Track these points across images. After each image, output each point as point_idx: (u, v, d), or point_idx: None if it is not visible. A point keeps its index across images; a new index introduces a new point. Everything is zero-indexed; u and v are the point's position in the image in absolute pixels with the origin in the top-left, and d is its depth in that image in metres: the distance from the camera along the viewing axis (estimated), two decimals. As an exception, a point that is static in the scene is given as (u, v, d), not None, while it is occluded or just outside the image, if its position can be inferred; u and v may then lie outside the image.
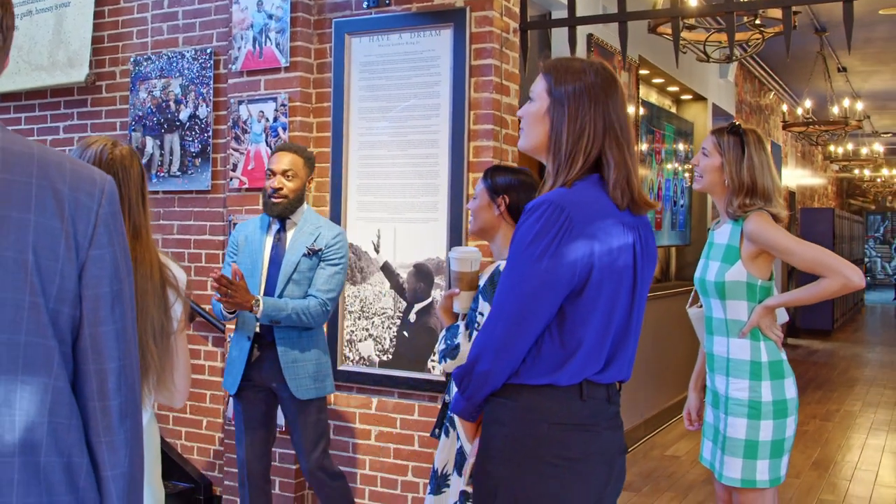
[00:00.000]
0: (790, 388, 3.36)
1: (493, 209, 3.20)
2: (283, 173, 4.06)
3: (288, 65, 4.92)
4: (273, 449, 4.39)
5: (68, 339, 1.55)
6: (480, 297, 3.02)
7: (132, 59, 5.60)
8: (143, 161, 5.24)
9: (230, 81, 5.14)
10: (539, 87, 2.34)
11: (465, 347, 2.99)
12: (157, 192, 5.53)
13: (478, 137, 4.58)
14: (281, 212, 4.07)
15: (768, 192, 3.39)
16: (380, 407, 4.80)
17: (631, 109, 7.39)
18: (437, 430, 3.35)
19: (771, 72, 12.33)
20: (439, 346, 3.12)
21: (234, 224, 4.86)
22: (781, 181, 13.69)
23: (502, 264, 3.04)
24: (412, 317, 4.70)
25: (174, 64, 5.43)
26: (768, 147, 3.50)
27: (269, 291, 4.05)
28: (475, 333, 3.03)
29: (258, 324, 4.05)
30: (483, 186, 3.25)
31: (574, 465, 2.20)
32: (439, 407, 3.74)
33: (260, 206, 4.93)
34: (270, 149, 4.94)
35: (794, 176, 15.34)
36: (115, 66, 5.75)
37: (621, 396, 2.39)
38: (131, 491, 1.62)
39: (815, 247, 3.30)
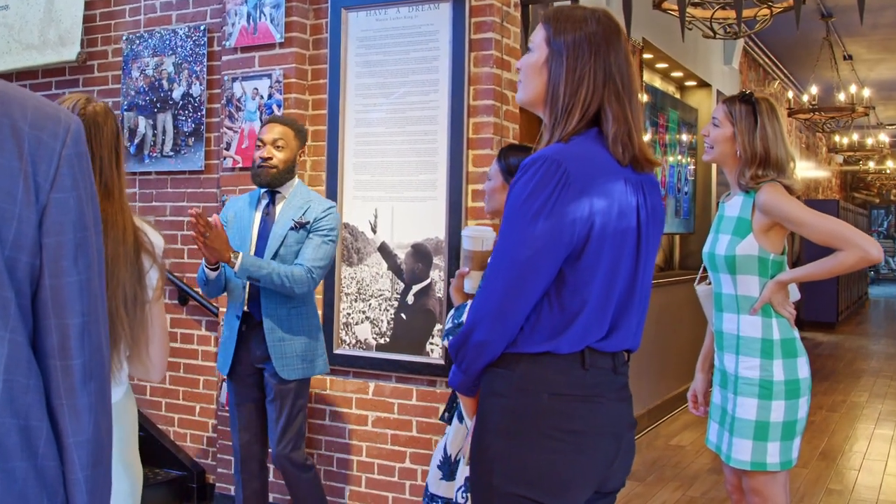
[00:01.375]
0: (803, 368, 3.23)
1: (507, 190, 3.07)
2: (273, 143, 3.97)
3: (283, 40, 4.79)
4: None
5: (27, 290, 1.41)
6: None
7: (124, 38, 5.47)
8: (136, 141, 5.13)
9: (224, 58, 5.01)
10: (538, 36, 2.21)
11: None
12: (149, 174, 5.40)
13: (478, 113, 4.44)
14: (269, 181, 3.97)
15: (782, 162, 3.25)
16: (377, 392, 4.67)
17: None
18: (446, 414, 3.22)
19: (776, 59, 12.18)
20: (447, 324, 3.01)
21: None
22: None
23: None
24: (410, 299, 4.56)
25: (167, 42, 5.30)
26: (782, 116, 3.36)
27: None
28: None
29: (245, 301, 3.93)
30: (497, 167, 3.13)
31: (577, 438, 2.06)
32: (450, 390, 3.62)
33: (255, 187, 4.81)
34: (265, 127, 4.81)
35: (798, 168, 15.16)
36: (107, 44, 5.62)
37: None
38: (97, 462, 1.46)
39: (830, 218, 3.16)
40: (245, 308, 3.96)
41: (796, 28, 4.30)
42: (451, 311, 3.01)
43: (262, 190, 4.04)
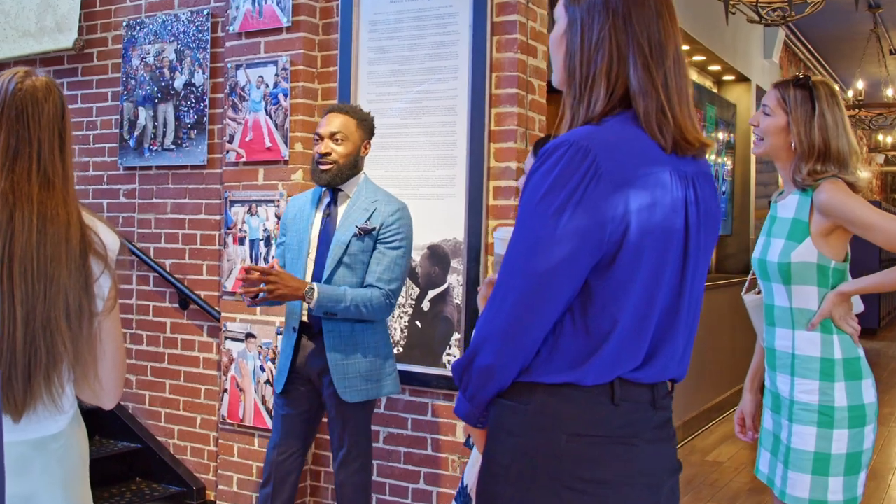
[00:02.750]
0: (869, 391, 2.81)
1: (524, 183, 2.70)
2: (332, 136, 3.52)
3: (290, 24, 4.42)
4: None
5: None
6: None
7: (124, 24, 5.13)
8: (135, 134, 4.80)
9: (227, 44, 4.65)
10: (559, 6, 1.83)
11: None
12: (149, 168, 5.06)
13: (500, 103, 4.05)
14: (330, 180, 3.53)
15: (843, 155, 2.83)
16: (389, 405, 4.29)
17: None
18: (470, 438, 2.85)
19: (818, 54, 11.69)
20: (474, 335, 2.64)
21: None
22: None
23: None
24: (426, 305, 4.18)
25: (169, 27, 4.95)
26: (842, 103, 2.94)
27: (316, 277, 3.52)
28: None
29: (304, 311, 3.53)
30: (532, 161, 2.75)
31: (602, 489, 1.67)
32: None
33: (261, 182, 4.46)
34: (270, 117, 4.45)
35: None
36: (106, 31, 5.28)
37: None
38: None
39: (903, 220, 2.73)
40: (304, 318, 3.56)
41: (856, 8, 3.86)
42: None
43: (324, 188, 3.63)
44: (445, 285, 4.14)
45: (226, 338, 4.59)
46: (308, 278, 3.52)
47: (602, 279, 1.65)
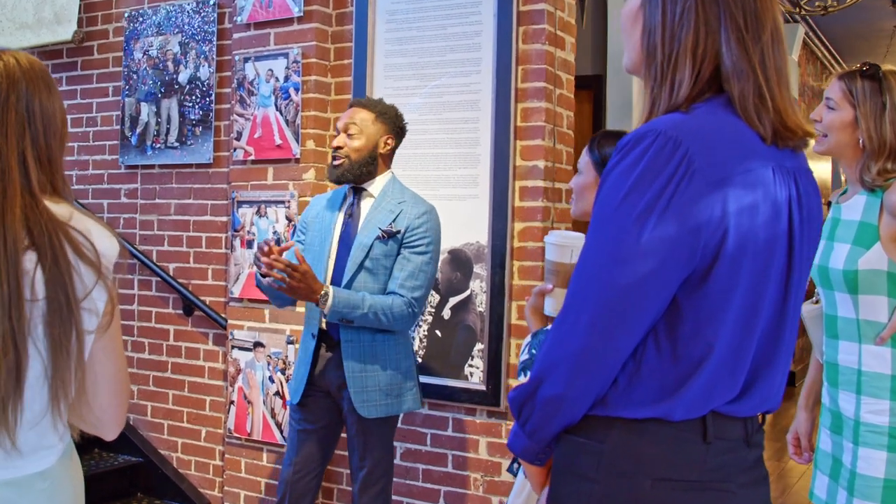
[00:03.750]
0: (946, 413, 2.55)
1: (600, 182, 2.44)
2: (345, 130, 3.29)
3: (302, 14, 4.17)
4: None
5: None
6: None
7: (126, 15, 4.88)
8: (138, 130, 4.57)
9: (235, 36, 4.40)
10: None
11: None
12: (152, 167, 4.81)
13: (527, 98, 3.80)
14: (339, 176, 3.27)
15: (918, 153, 2.57)
16: (407, 420, 4.03)
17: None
18: (515, 465, 2.59)
19: (837, 53, 11.42)
20: (522, 355, 2.39)
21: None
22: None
23: None
24: (446, 313, 3.92)
25: (173, 18, 4.70)
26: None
27: (336, 280, 3.26)
28: None
29: (322, 318, 3.27)
30: (589, 159, 2.49)
31: None
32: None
33: (270, 182, 4.21)
34: (280, 113, 4.19)
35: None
36: (107, 23, 5.04)
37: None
38: None
39: None
40: (322, 325, 3.30)
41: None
42: (528, 339, 2.41)
43: (349, 186, 3.37)
44: (467, 292, 3.88)
45: (233, 347, 4.34)
46: (327, 281, 3.26)
47: (694, 296, 1.39)
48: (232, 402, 4.33)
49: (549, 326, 2.38)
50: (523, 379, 2.34)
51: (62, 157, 1.79)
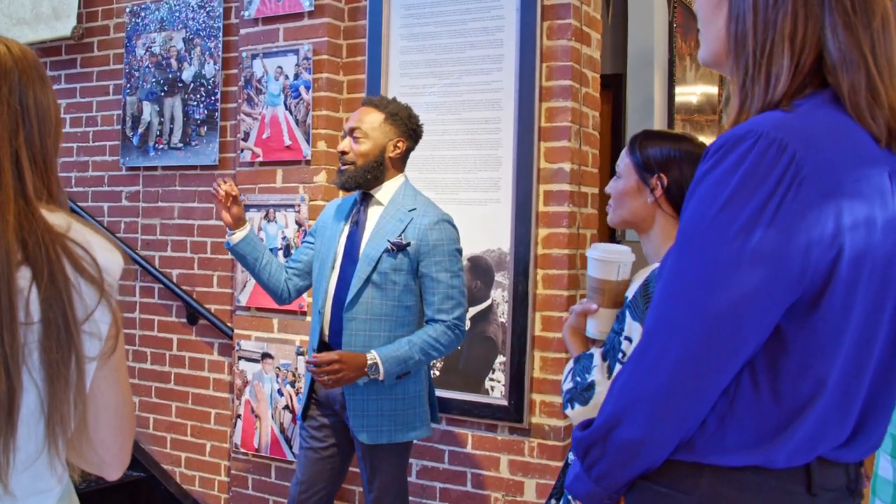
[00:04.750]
0: None
1: (646, 193, 2.24)
2: (351, 133, 3.07)
3: (312, 9, 3.96)
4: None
5: None
6: (628, 314, 2.07)
7: (128, 10, 4.68)
8: (139, 130, 4.37)
9: (242, 31, 4.19)
10: None
11: (604, 388, 2.07)
12: (155, 168, 4.60)
13: (552, 96, 3.60)
14: (344, 182, 3.05)
15: None
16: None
17: (713, 88, 6.39)
18: (553, 501, 2.39)
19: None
20: (565, 383, 2.19)
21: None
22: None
23: None
24: (466, 323, 3.71)
25: (177, 14, 4.49)
26: None
27: (339, 295, 3.03)
28: (618, 368, 2.07)
29: (326, 329, 3.07)
30: (630, 161, 2.29)
31: None
32: (560, 466, 2.77)
33: (279, 184, 4.01)
34: (290, 112, 3.99)
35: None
36: (108, 18, 4.84)
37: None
38: None
39: None
40: (325, 337, 3.09)
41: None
42: (570, 365, 2.21)
43: (359, 192, 3.15)
44: (488, 302, 3.68)
45: (239, 357, 4.13)
46: (330, 295, 3.05)
47: (802, 325, 1.19)
48: (238, 416, 4.12)
49: (593, 350, 2.18)
50: (571, 411, 2.14)
51: (57, 159, 1.58)
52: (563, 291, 3.56)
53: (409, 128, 3.14)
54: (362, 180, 3.05)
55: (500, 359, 3.65)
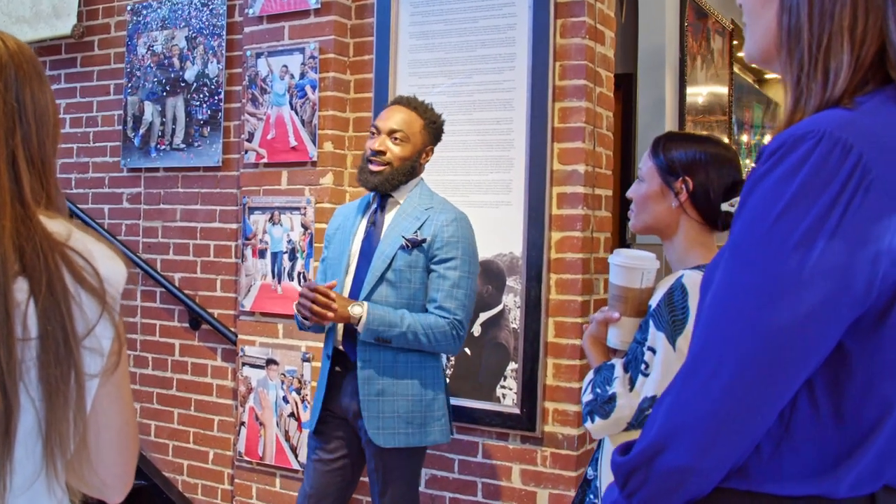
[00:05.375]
0: None
1: (670, 197, 2.16)
2: (391, 134, 2.96)
3: (319, 6, 3.87)
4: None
5: None
6: (651, 324, 1.98)
7: (129, 8, 4.58)
8: (141, 131, 4.27)
9: (246, 30, 4.09)
10: None
11: (625, 401, 1.98)
12: (156, 170, 4.50)
13: (566, 96, 3.50)
14: (378, 184, 2.96)
15: None
16: (432, 445, 3.72)
17: (723, 89, 6.30)
18: None
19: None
20: (585, 395, 2.10)
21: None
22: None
23: (689, 276, 1.99)
24: (476, 329, 3.62)
25: (179, 12, 4.40)
26: None
27: (354, 294, 2.95)
28: (640, 380, 1.98)
29: (339, 336, 2.97)
30: (653, 164, 2.20)
31: None
32: (579, 479, 2.67)
33: (284, 186, 3.90)
34: (296, 113, 3.89)
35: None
36: (109, 16, 4.74)
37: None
38: None
39: None
40: (338, 345, 2.99)
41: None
42: (590, 376, 2.11)
43: (373, 193, 3.07)
44: (500, 307, 3.58)
45: (243, 364, 4.03)
46: (346, 296, 2.96)
47: (867, 342, 1.09)
48: (242, 424, 4.02)
49: (614, 360, 2.09)
50: (591, 425, 2.04)
51: (56, 162, 1.48)
52: (576, 297, 3.47)
53: (438, 137, 3.09)
54: (397, 182, 2.97)
55: (512, 365, 3.55)
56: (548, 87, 3.49)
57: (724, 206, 2.11)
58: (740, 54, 7.40)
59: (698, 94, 5.61)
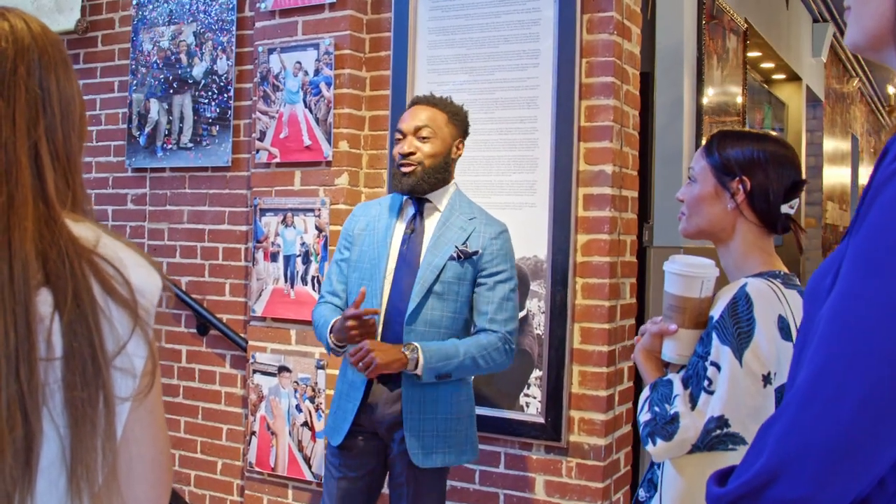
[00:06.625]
0: None
1: (725, 199, 2.02)
2: (416, 133, 2.83)
3: (334, 1, 3.73)
4: None
5: None
6: (715, 337, 1.84)
7: (134, 2, 4.44)
8: (147, 130, 4.14)
9: (258, 25, 3.96)
10: None
11: (689, 422, 1.84)
12: (163, 170, 4.36)
13: (592, 94, 3.37)
14: (414, 185, 2.82)
15: None
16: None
17: (737, 89, 6.17)
18: None
19: (860, 56, 11.05)
20: (642, 414, 1.96)
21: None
22: (858, 180, 12.47)
23: (753, 284, 1.86)
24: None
25: (186, 6, 4.26)
26: None
27: (395, 306, 2.79)
28: (703, 397, 1.84)
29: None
30: (706, 164, 2.07)
31: None
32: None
33: (298, 187, 3.77)
34: (310, 111, 3.75)
35: (868, 174, 14.04)
36: (113, 11, 4.60)
37: None
38: None
39: None
40: None
41: None
42: (647, 393, 1.97)
43: (405, 197, 2.93)
44: (524, 312, 3.45)
45: (254, 371, 3.89)
46: (382, 306, 2.81)
47: None
48: (253, 433, 3.88)
49: (671, 376, 1.96)
50: (653, 448, 1.90)
51: (81, 159, 1.33)
52: (604, 302, 3.34)
53: (466, 129, 2.96)
54: (433, 182, 2.84)
55: (536, 373, 3.42)
56: (574, 84, 3.36)
57: (784, 208, 1.98)
58: (751, 54, 7.30)
59: (714, 94, 5.49)
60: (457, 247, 2.78)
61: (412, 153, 2.81)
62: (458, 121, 2.91)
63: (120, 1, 4.56)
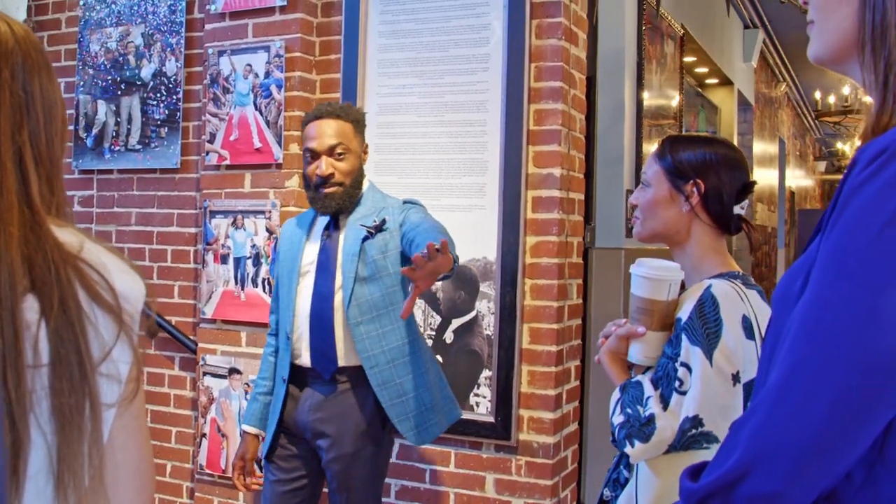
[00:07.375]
0: None
1: (680, 202, 2.08)
2: (331, 151, 2.78)
3: (285, 3, 3.76)
4: None
5: None
6: (684, 338, 1.89)
7: (81, 3, 4.41)
8: (94, 132, 4.11)
9: (208, 27, 3.96)
10: None
11: (665, 423, 1.87)
12: (110, 171, 4.33)
13: (541, 98, 3.45)
14: (339, 206, 2.80)
15: None
16: (403, 454, 3.64)
17: (675, 93, 6.31)
18: None
19: (787, 59, 11.33)
20: (614, 416, 1.98)
21: (207, 215, 3.65)
22: (785, 181, 12.78)
23: (717, 285, 1.92)
24: (449, 336, 3.54)
25: (135, 7, 4.24)
26: None
27: (320, 313, 2.79)
28: (675, 398, 1.89)
29: (305, 354, 2.81)
30: (660, 168, 2.11)
31: None
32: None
33: (248, 189, 3.78)
34: (260, 113, 3.77)
35: (794, 176, 14.37)
36: (60, 11, 4.56)
37: None
38: None
39: None
40: (298, 360, 2.82)
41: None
42: (617, 395, 2.01)
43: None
44: (473, 313, 3.51)
45: (204, 373, 3.89)
46: (306, 308, 2.81)
47: None
48: (204, 435, 3.88)
49: (639, 377, 2.00)
50: (631, 450, 1.94)
51: (63, 165, 1.35)
52: (552, 302, 3.41)
53: (365, 128, 2.94)
54: (354, 195, 2.83)
55: (486, 373, 3.48)
56: (523, 88, 3.43)
57: (736, 209, 2.05)
58: (686, 59, 7.45)
59: (653, 97, 5.61)
60: (362, 224, 2.74)
61: (330, 175, 2.77)
62: (362, 127, 2.89)
63: (66, 2, 4.52)
